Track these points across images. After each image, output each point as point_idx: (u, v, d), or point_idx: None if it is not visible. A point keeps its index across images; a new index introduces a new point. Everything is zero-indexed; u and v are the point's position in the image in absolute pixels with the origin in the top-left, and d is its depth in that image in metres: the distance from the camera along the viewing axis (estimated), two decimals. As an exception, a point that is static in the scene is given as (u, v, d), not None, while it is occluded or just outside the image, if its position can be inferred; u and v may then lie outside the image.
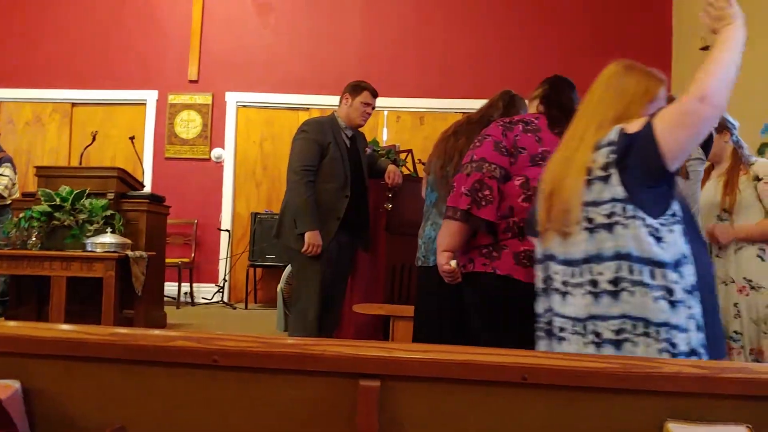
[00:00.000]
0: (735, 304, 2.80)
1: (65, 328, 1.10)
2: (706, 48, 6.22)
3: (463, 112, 7.01)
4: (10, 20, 7.64)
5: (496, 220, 2.15)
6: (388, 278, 3.78)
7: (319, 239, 3.38)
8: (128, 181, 4.84)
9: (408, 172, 4.17)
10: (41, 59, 7.60)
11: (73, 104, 7.71)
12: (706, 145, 2.79)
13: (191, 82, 7.52)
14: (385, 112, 7.50)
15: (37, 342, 1.08)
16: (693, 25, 6.66)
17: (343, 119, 3.65)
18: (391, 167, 3.77)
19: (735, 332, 2.79)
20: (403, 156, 4.41)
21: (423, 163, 3.85)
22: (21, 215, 4.35)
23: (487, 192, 2.13)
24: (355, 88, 3.66)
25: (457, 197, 2.19)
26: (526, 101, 2.52)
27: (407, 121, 7.56)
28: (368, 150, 3.83)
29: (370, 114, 3.71)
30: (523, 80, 6.16)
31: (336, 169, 3.50)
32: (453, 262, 2.24)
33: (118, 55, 7.58)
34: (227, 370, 1.07)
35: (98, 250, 4.12)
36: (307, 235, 3.37)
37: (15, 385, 1.09)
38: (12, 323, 1.11)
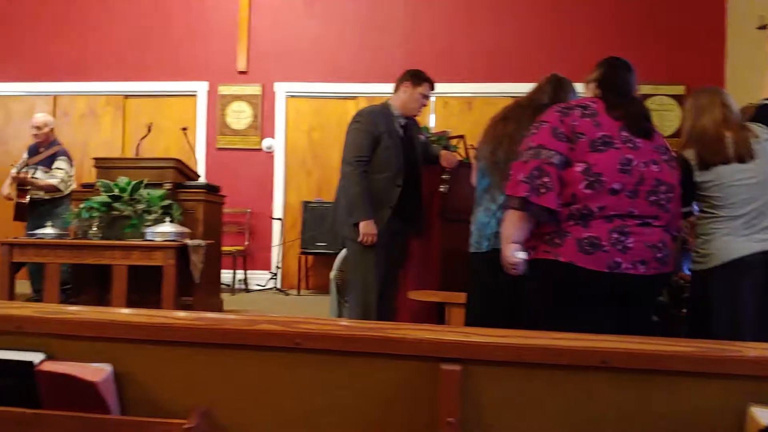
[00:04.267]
0: None
1: (154, 314, 1.14)
2: (763, 27, 6.01)
3: (512, 97, 6.93)
4: (65, 17, 7.85)
5: (557, 208, 2.12)
6: (442, 265, 3.78)
7: (374, 228, 3.40)
8: (184, 172, 4.93)
9: (461, 158, 4.14)
10: (94, 53, 7.80)
11: (126, 96, 7.90)
12: None
13: (240, 73, 7.62)
14: (433, 98, 7.47)
15: (127, 327, 1.13)
16: (749, 2, 6.44)
17: (398, 108, 3.62)
18: (444, 152, 3.76)
19: None
20: (454, 142, 4.38)
21: (475, 149, 3.84)
22: (81, 206, 4.47)
23: (546, 179, 2.10)
24: (417, 78, 3.64)
25: (514, 185, 2.16)
26: (583, 84, 2.47)
27: (455, 106, 7.51)
28: (422, 137, 3.81)
29: (425, 105, 3.70)
30: (573, 62, 6.08)
31: (389, 158, 3.50)
32: (521, 254, 2.21)
33: (169, 47, 7.71)
34: (309, 353, 1.10)
35: (158, 239, 4.22)
36: (361, 225, 3.40)
37: (107, 368, 1.14)
38: (104, 310, 1.15)
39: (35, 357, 1.15)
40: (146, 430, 1.11)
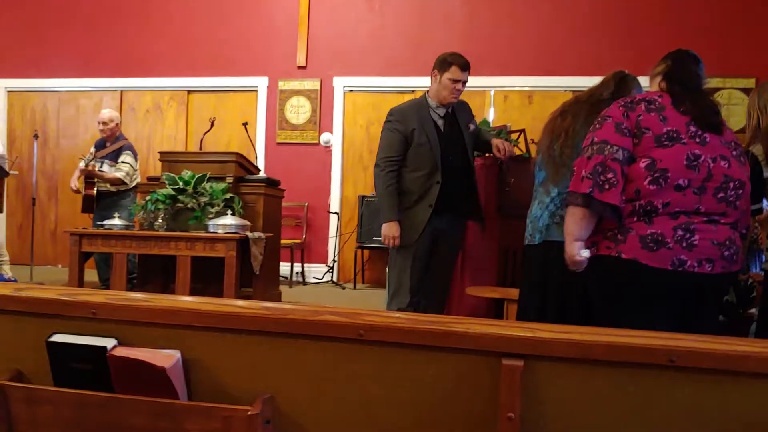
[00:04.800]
0: None
1: (221, 302, 1.17)
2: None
3: (573, 90, 6.85)
4: (130, 15, 8.10)
5: (621, 204, 2.09)
6: (501, 261, 3.75)
7: (396, 231, 3.34)
8: (245, 166, 5.03)
9: (521, 153, 4.10)
10: (159, 50, 8.02)
11: (189, 92, 8.10)
12: None
13: (300, 68, 7.71)
14: (492, 92, 7.41)
15: (195, 315, 1.16)
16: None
17: (433, 98, 3.46)
18: (496, 140, 3.52)
19: None
20: (514, 136, 4.34)
21: (536, 143, 3.79)
22: (147, 198, 4.62)
23: (610, 175, 2.07)
24: (442, 64, 3.40)
25: (577, 182, 2.14)
26: (648, 77, 2.41)
27: (515, 100, 7.43)
28: (471, 126, 3.58)
29: (460, 90, 3.43)
30: (638, 55, 5.93)
31: (422, 155, 3.37)
32: (585, 252, 2.18)
33: (230, 43, 7.87)
34: (372, 344, 1.10)
35: (220, 231, 4.32)
36: (383, 227, 3.37)
37: (176, 354, 1.17)
38: (173, 298, 1.19)
39: (108, 342, 1.19)
40: (212, 415, 1.14)
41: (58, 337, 1.21)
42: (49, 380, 1.24)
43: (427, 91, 3.52)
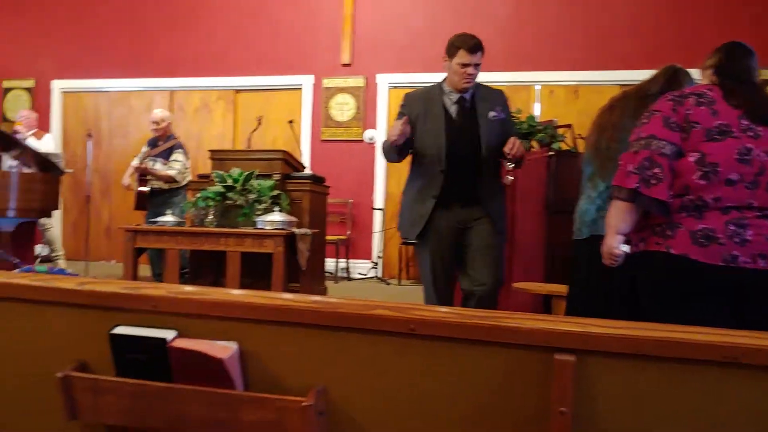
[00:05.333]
0: None
1: (276, 296, 1.20)
2: None
3: (621, 85, 6.73)
4: (179, 17, 8.26)
5: (669, 199, 2.06)
6: (548, 257, 3.72)
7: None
8: (291, 163, 5.09)
9: (567, 148, 4.06)
10: (207, 50, 8.17)
11: (236, 91, 8.23)
12: None
13: (344, 65, 7.76)
14: (537, 87, 7.33)
15: (252, 308, 1.19)
16: None
17: (448, 84, 3.24)
18: (512, 138, 3.09)
19: None
20: (561, 131, 4.29)
21: (583, 138, 3.74)
22: (198, 195, 4.72)
23: (657, 170, 2.04)
24: (450, 48, 3.19)
25: (622, 176, 2.11)
26: (699, 70, 2.36)
27: (561, 95, 7.33)
28: (493, 114, 3.20)
29: (472, 74, 3.16)
30: (689, 47, 5.78)
31: (427, 142, 3.16)
32: (624, 247, 2.16)
33: (276, 42, 7.96)
34: (423, 339, 1.12)
35: (268, 227, 4.39)
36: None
37: (233, 346, 1.21)
38: (231, 291, 1.23)
39: (168, 334, 1.23)
40: (268, 406, 1.17)
41: (120, 329, 1.26)
42: (111, 371, 1.28)
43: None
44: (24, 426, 1.40)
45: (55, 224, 7.05)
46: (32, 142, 6.65)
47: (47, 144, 6.88)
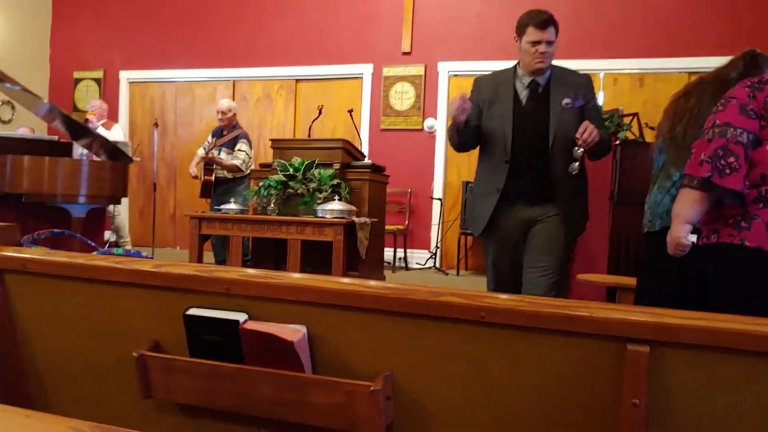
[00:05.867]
0: None
1: (345, 281, 1.21)
2: None
3: (690, 73, 6.51)
4: (242, 8, 8.39)
5: (744, 189, 1.98)
6: (613, 248, 3.64)
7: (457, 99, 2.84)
8: (351, 152, 5.12)
9: (633, 137, 3.95)
10: (269, 41, 8.28)
11: (297, 80, 8.31)
12: None
13: (404, 54, 7.74)
14: (601, 75, 7.15)
15: (321, 292, 1.21)
16: None
17: (521, 67, 3.01)
18: (585, 122, 2.79)
19: None
20: (627, 120, 4.18)
21: (650, 128, 3.63)
22: (260, 184, 4.81)
23: (731, 159, 1.97)
24: (518, 27, 2.97)
25: (695, 165, 2.05)
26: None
27: (625, 83, 7.14)
28: (567, 101, 2.87)
29: (545, 52, 2.88)
30: (764, 33, 5.54)
31: (492, 129, 2.94)
32: (692, 237, 2.10)
33: (336, 32, 8.00)
34: (493, 327, 1.11)
35: (328, 216, 4.44)
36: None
37: (302, 330, 1.23)
38: (301, 276, 1.25)
39: (240, 317, 1.26)
40: (336, 389, 1.19)
41: (194, 311, 1.30)
42: (184, 351, 1.32)
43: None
44: (101, 402, 1.45)
45: (122, 211, 7.30)
46: (102, 132, 6.89)
47: (116, 134, 7.12)
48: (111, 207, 6.64)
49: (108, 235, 7.25)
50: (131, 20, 8.86)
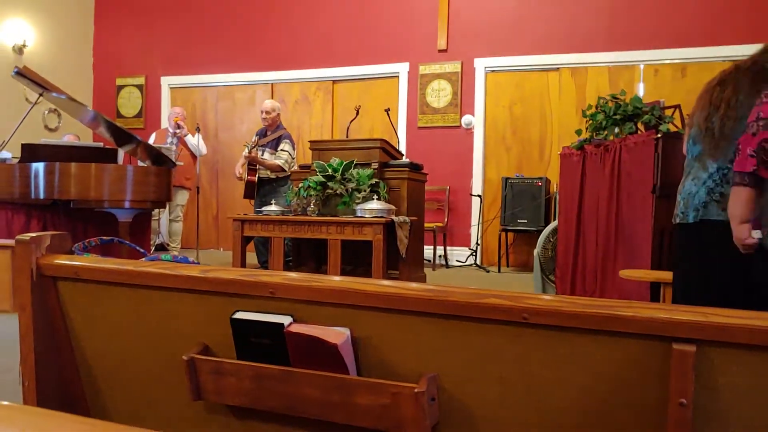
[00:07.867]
0: None
1: (387, 284, 1.22)
2: None
3: (734, 61, 6.33)
4: (277, 13, 8.48)
5: None
6: (656, 243, 3.57)
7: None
8: (389, 151, 5.14)
9: (675, 130, 3.87)
10: (306, 43, 8.35)
11: (334, 81, 8.37)
12: None
13: (440, 51, 7.73)
14: (641, 66, 7.03)
15: (364, 295, 1.22)
16: None
17: None
18: None
19: None
20: (669, 112, 4.10)
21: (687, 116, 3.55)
22: (300, 185, 4.86)
23: None
24: None
25: (743, 160, 2.01)
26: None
27: (666, 74, 7.00)
28: None
29: None
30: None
31: None
32: (756, 233, 2.05)
33: (372, 32, 8.03)
34: (536, 327, 1.11)
35: (367, 215, 4.47)
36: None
37: (346, 332, 1.25)
38: (344, 279, 1.26)
39: (285, 319, 1.29)
40: (381, 391, 1.20)
41: (240, 314, 1.33)
42: (232, 353, 1.35)
43: None
44: (154, 405, 1.50)
45: (164, 215, 7.47)
46: (190, 139, 7.09)
47: (200, 140, 7.27)
48: (170, 213, 6.92)
49: (159, 238, 7.43)
50: (171, 27, 9.03)
